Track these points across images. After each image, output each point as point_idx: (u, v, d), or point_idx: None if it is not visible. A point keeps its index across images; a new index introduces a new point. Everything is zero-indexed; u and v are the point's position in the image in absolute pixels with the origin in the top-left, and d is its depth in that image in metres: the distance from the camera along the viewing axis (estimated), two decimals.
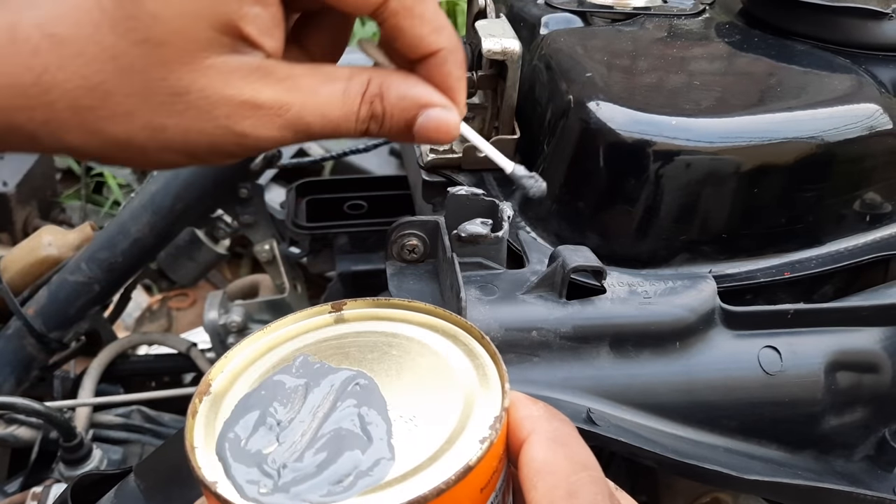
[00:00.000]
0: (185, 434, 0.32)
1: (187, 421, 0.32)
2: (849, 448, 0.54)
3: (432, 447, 0.30)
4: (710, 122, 0.54)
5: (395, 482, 0.29)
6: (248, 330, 1.15)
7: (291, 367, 0.35)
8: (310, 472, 0.30)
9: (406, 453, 0.30)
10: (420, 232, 0.55)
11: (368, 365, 0.35)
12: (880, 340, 0.53)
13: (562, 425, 0.33)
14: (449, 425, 0.31)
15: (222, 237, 1.15)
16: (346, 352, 0.36)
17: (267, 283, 1.27)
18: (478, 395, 0.33)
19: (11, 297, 1.00)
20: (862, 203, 0.58)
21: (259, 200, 1.11)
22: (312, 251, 1.06)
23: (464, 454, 0.30)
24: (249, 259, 1.72)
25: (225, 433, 0.32)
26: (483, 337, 0.35)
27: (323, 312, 0.38)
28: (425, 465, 0.30)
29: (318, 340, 0.37)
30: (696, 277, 0.52)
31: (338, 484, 0.29)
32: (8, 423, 0.98)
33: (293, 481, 0.29)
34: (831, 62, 0.62)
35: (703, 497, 0.57)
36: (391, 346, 0.36)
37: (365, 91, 0.43)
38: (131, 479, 0.52)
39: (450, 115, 0.45)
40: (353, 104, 0.43)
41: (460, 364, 0.34)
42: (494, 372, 0.34)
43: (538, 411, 0.33)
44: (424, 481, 0.29)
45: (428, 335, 0.36)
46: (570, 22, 0.70)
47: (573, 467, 0.31)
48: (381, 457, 0.30)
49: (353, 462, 0.30)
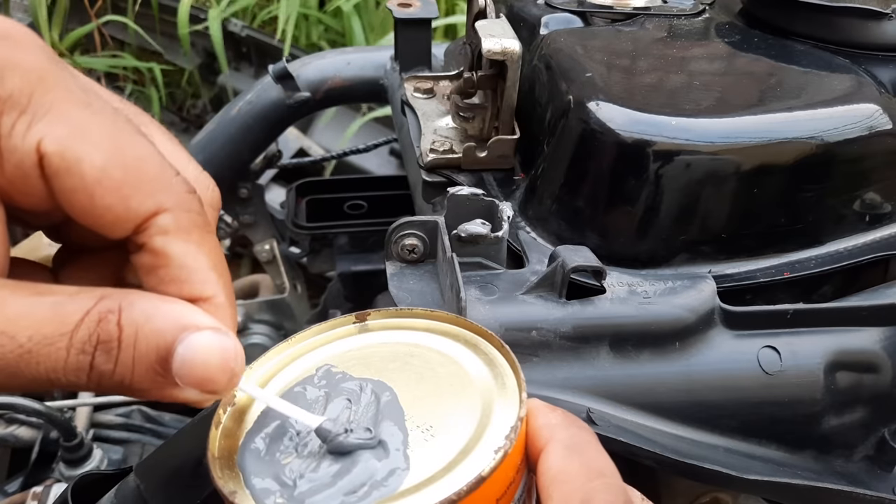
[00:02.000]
0: (207, 444, 0.32)
1: (210, 431, 0.33)
2: (849, 448, 0.54)
3: (447, 457, 0.31)
4: (710, 122, 0.54)
5: (408, 492, 0.29)
6: (248, 330, 1.15)
7: (314, 377, 0.35)
8: (325, 483, 0.30)
9: (421, 464, 0.30)
10: (420, 232, 0.55)
11: (389, 375, 0.35)
12: (880, 340, 0.53)
13: (579, 432, 0.33)
14: (465, 435, 0.32)
15: (222, 237, 1.15)
16: (368, 362, 0.36)
17: (267, 283, 1.27)
18: (496, 404, 0.33)
19: None
20: (862, 203, 0.58)
21: (259, 200, 1.11)
22: (312, 251, 1.06)
23: (477, 464, 0.30)
24: (249, 259, 1.72)
25: (246, 444, 0.32)
26: (503, 346, 0.35)
27: (347, 323, 0.38)
28: (439, 476, 0.30)
29: (341, 351, 0.37)
30: (695, 277, 0.52)
31: (352, 494, 0.29)
32: (8, 423, 0.98)
33: (309, 491, 0.30)
34: (831, 62, 0.62)
35: (703, 497, 0.57)
36: (412, 355, 0.36)
37: (93, 306, 0.29)
38: (131, 478, 0.52)
39: (226, 340, 0.31)
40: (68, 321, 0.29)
41: (480, 373, 0.35)
42: (513, 381, 0.34)
43: (556, 419, 0.33)
44: (437, 492, 0.29)
45: (449, 345, 0.36)
46: (570, 22, 0.70)
47: (589, 475, 0.31)
48: (397, 467, 0.30)
49: (369, 472, 0.30)
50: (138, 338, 0.29)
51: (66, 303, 0.29)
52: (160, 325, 0.30)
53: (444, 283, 0.52)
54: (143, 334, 0.30)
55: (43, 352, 0.28)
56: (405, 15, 0.78)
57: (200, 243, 0.31)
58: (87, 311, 0.29)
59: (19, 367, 0.28)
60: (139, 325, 0.29)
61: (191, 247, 0.31)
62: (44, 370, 0.28)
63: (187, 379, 0.30)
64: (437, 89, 0.71)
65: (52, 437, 0.96)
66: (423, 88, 0.72)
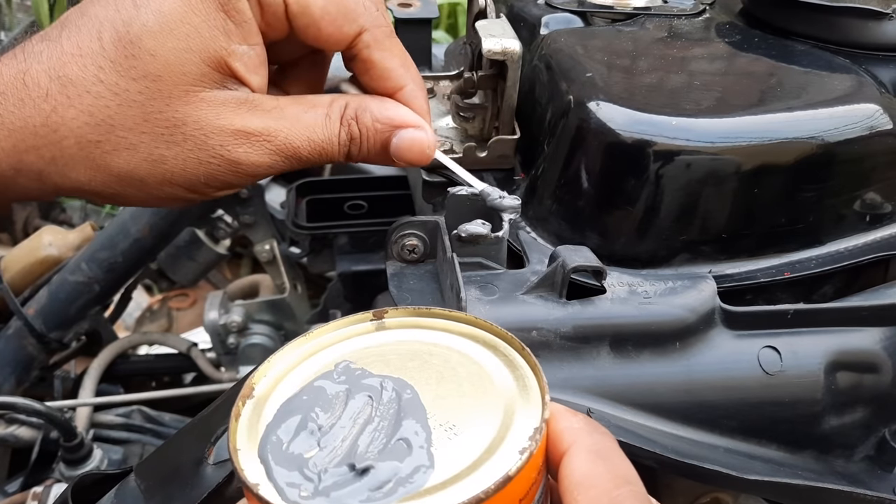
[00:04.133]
0: (227, 436, 0.32)
1: (230, 423, 0.32)
2: (849, 448, 0.54)
3: (472, 456, 0.30)
4: (710, 122, 0.54)
5: (434, 490, 0.29)
6: (248, 330, 1.15)
7: (333, 373, 0.35)
8: (350, 478, 0.30)
9: (445, 462, 0.30)
10: (420, 232, 0.55)
11: (409, 373, 0.35)
12: (880, 340, 0.53)
13: (603, 438, 0.33)
14: (488, 435, 0.31)
15: (222, 237, 1.15)
16: (387, 359, 0.36)
17: (267, 283, 1.27)
18: (518, 405, 0.33)
19: (12, 296, 1.00)
20: (862, 203, 0.58)
21: (259, 200, 1.11)
22: (313, 251, 1.06)
23: (503, 464, 0.30)
24: (249, 259, 1.72)
25: (267, 436, 0.32)
26: (524, 348, 0.35)
27: (364, 320, 0.38)
28: (464, 474, 0.30)
29: (359, 347, 0.37)
30: (696, 277, 0.52)
31: (378, 490, 0.29)
32: (8, 423, 0.98)
33: (334, 486, 0.30)
34: (831, 62, 0.62)
35: (703, 497, 0.57)
36: (432, 354, 0.36)
37: (343, 114, 0.47)
38: (132, 478, 0.52)
39: (423, 134, 0.48)
40: (335, 127, 0.47)
41: (500, 374, 0.34)
42: (535, 383, 0.34)
43: (579, 423, 0.33)
44: (463, 490, 0.29)
45: (468, 345, 0.36)
46: (570, 22, 0.70)
47: (615, 482, 0.31)
48: (421, 464, 0.30)
49: (393, 469, 0.30)
50: (371, 135, 0.47)
51: (330, 112, 0.47)
52: (382, 126, 0.47)
53: (444, 283, 0.52)
54: (374, 132, 0.47)
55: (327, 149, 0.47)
56: (405, 15, 0.78)
57: (391, 49, 0.47)
58: (341, 119, 0.47)
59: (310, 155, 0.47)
60: (370, 127, 0.47)
61: (385, 53, 0.47)
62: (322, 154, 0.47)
63: (400, 160, 0.48)
64: (437, 89, 0.71)
65: (52, 437, 0.96)
66: None
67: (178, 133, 0.44)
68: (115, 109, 0.43)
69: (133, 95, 0.43)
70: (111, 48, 0.42)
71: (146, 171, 0.45)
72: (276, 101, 0.46)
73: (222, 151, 0.45)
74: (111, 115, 0.43)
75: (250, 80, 0.45)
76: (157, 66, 0.42)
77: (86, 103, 0.43)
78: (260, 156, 0.45)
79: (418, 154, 0.48)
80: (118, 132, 0.43)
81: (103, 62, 0.42)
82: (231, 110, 0.44)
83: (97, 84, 0.43)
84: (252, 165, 0.46)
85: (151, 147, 0.44)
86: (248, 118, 0.45)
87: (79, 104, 0.43)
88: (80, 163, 0.44)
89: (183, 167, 0.45)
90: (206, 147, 0.44)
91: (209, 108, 0.44)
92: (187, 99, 0.43)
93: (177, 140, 0.44)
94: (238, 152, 0.45)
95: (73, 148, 0.43)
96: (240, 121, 0.45)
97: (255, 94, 0.45)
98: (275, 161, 0.46)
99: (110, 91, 0.43)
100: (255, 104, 0.45)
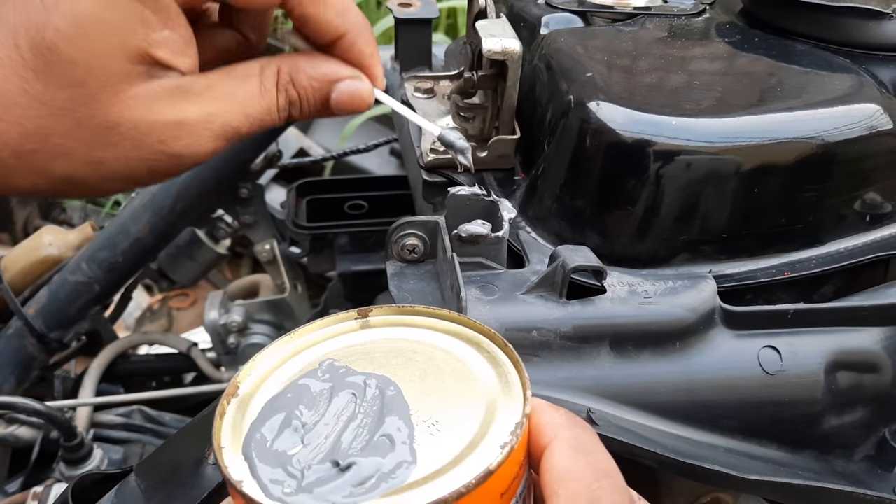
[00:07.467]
0: (212, 434, 0.32)
1: (215, 422, 0.33)
2: (849, 448, 0.54)
3: (454, 452, 0.31)
4: (710, 122, 0.54)
5: (416, 485, 0.30)
6: (248, 330, 1.15)
7: (317, 371, 0.35)
8: (333, 474, 0.30)
9: (428, 457, 0.31)
10: (420, 232, 0.55)
11: (392, 370, 0.35)
12: (880, 340, 0.53)
13: (583, 433, 0.33)
14: (471, 431, 0.32)
15: (223, 237, 1.15)
16: (371, 357, 0.36)
17: (267, 283, 1.27)
18: (500, 401, 0.33)
19: (12, 296, 1.00)
20: (862, 203, 0.58)
21: (259, 200, 1.11)
22: (313, 251, 1.06)
23: (485, 459, 0.30)
24: (250, 259, 1.72)
25: (251, 434, 0.32)
26: (506, 345, 0.35)
27: (349, 318, 0.38)
28: (446, 469, 0.30)
29: (343, 346, 0.37)
30: (696, 277, 0.52)
31: (360, 486, 0.30)
32: (8, 423, 0.98)
33: (317, 482, 0.30)
34: (831, 62, 0.62)
35: (703, 497, 0.57)
36: (415, 352, 0.36)
37: (277, 81, 0.46)
38: (132, 478, 0.52)
39: (360, 84, 0.48)
40: (271, 96, 0.46)
41: (483, 371, 0.35)
42: (517, 379, 0.34)
43: (560, 418, 0.33)
44: (445, 485, 0.29)
45: (452, 342, 0.37)
46: (570, 22, 0.70)
47: (595, 475, 0.31)
48: (404, 460, 0.31)
49: (376, 465, 0.30)
50: (310, 95, 0.47)
51: (263, 82, 0.46)
52: (319, 83, 0.47)
53: (444, 283, 0.52)
54: (312, 91, 0.47)
55: (267, 119, 0.47)
56: (405, 15, 0.78)
57: (324, 1, 0.46)
58: (276, 85, 0.46)
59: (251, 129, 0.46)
60: (307, 87, 0.47)
61: (318, 7, 0.45)
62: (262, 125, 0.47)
63: (340, 111, 0.48)
64: (437, 89, 0.71)
65: (52, 437, 0.96)
66: (423, 88, 0.72)
67: (113, 135, 0.43)
68: (46, 119, 0.42)
69: (61, 104, 0.42)
70: (30, 57, 0.41)
71: (86, 174, 0.44)
72: (207, 78, 0.45)
73: (161, 147, 0.44)
74: (43, 125, 0.42)
75: (178, 64, 0.44)
76: (80, 73, 0.41)
77: (15, 115, 0.42)
78: (200, 145, 0.45)
79: (359, 104, 0.48)
80: (53, 140, 0.42)
81: (25, 73, 0.41)
82: (163, 102, 0.43)
83: (23, 95, 0.41)
84: (193, 155, 0.45)
85: (88, 151, 0.43)
86: (181, 106, 0.44)
87: (8, 117, 0.42)
88: (21, 171, 0.43)
89: (124, 166, 0.44)
90: (143, 145, 0.44)
91: (140, 105, 0.43)
92: (117, 99, 0.42)
93: (113, 142, 0.43)
94: (177, 146, 0.44)
95: (10, 158, 0.42)
96: (173, 112, 0.43)
97: (185, 78, 0.44)
98: (216, 145, 0.46)
99: (38, 101, 0.42)
100: (186, 89, 0.44)
